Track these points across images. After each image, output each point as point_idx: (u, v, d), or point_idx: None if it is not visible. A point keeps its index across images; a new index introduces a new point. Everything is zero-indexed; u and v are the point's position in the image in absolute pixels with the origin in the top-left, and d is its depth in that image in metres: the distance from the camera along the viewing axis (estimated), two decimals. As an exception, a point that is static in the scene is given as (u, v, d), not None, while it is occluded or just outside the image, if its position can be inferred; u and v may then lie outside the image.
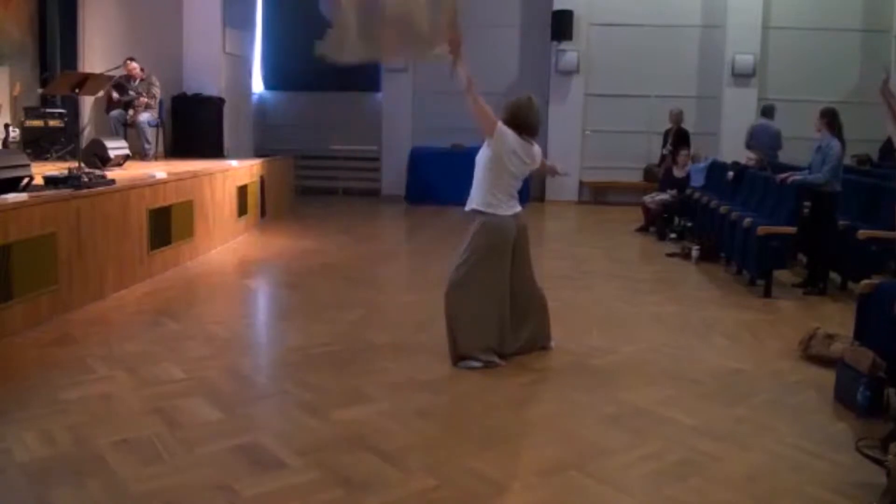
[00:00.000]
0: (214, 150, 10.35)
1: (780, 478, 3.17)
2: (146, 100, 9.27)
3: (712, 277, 7.36)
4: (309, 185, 13.50)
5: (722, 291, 6.80)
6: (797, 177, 6.77)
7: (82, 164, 6.37)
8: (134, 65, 9.21)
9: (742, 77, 12.69)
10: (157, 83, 9.49)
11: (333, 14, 4.53)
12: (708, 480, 3.13)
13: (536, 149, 4.56)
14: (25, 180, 5.37)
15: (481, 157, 4.46)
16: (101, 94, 8.71)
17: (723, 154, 11.80)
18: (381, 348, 4.85)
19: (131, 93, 9.24)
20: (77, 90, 6.60)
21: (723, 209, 7.83)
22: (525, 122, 4.43)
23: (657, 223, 9.71)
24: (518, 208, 4.54)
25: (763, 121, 10.23)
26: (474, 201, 4.47)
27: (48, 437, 3.36)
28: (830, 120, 6.51)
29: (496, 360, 4.45)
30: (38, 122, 8.32)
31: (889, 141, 11.55)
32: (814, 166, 6.61)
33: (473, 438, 3.50)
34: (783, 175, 7.03)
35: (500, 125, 4.37)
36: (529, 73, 13.30)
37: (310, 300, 6.16)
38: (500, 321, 4.48)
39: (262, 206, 10.06)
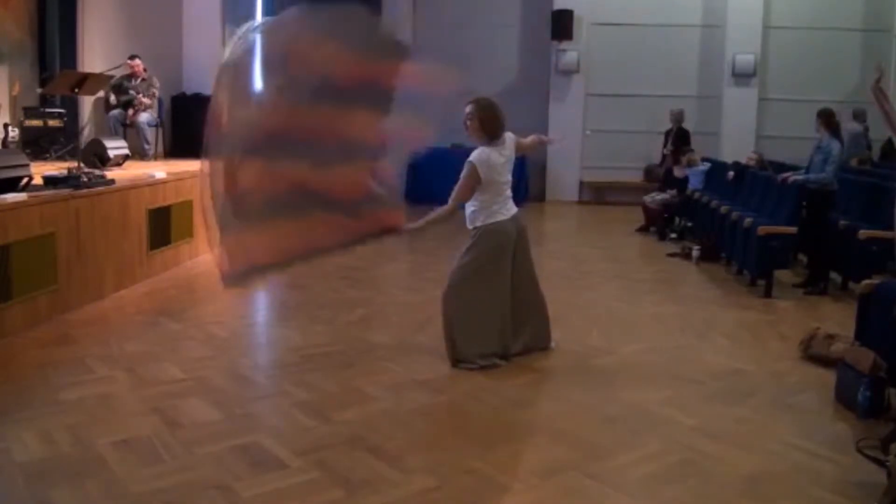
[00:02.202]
0: (214, 149, 10.32)
1: (781, 478, 3.17)
2: (145, 100, 9.26)
3: (713, 277, 7.36)
4: (309, 184, 13.47)
5: (722, 291, 6.79)
6: (798, 177, 6.77)
7: (82, 164, 6.36)
8: (137, 62, 9.20)
9: (742, 77, 12.69)
10: (157, 84, 9.48)
11: None
12: (708, 481, 3.13)
13: (508, 141, 4.48)
14: (25, 180, 5.36)
15: None
16: (100, 93, 8.71)
17: (723, 154, 11.80)
18: (381, 348, 4.84)
19: (131, 91, 9.24)
20: (76, 90, 6.59)
21: (723, 209, 7.82)
22: (499, 130, 4.40)
23: (658, 223, 9.70)
24: (514, 209, 4.52)
25: (849, 124, 10.07)
26: (477, 220, 4.42)
27: (47, 437, 3.35)
28: (827, 120, 6.55)
29: (497, 361, 4.44)
30: (37, 122, 8.30)
31: (889, 141, 11.54)
32: (814, 166, 6.62)
33: (473, 438, 3.49)
34: (784, 175, 7.04)
35: (479, 160, 4.30)
36: (529, 72, 13.30)
37: (310, 300, 6.15)
38: (502, 323, 4.47)
39: (261, 205, 10.04)
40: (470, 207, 4.45)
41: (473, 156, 4.35)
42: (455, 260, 4.53)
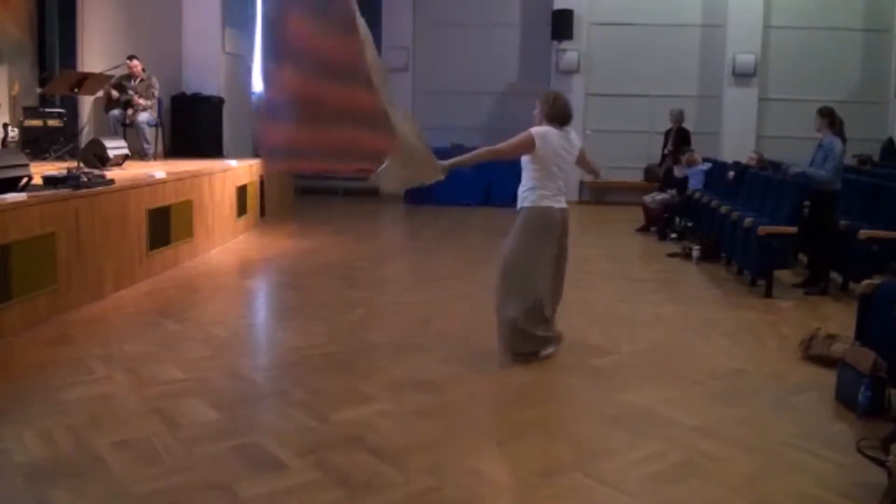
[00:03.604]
0: (214, 149, 10.34)
1: (781, 478, 3.17)
2: (142, 101, 9.26)
3: (713, 277, 7.35)
4: (309, 185, 13.48)
5: (723, 291, 6.79)
6: (797, 169, 6.76)
7: (81, 164, 6.37)
8: (136, 62, 9.21)
9: (743, 76, 12.70)
10: (157, 84, 9.48)
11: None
12: (709, 481, 3.12)
13: (573, 136, 4.59)
14: (24, 180, 5.36)
15: (527, 159, 4.48)
16: (100, 93, 8.71)
17: (723, 154, 11.80)
18: (381, 348, 4.84)
19: (130, 91, 9.24)
20: (76, 90, 6.59)
21: (723, 209, 7.82)
22: (564, 114, 4.51)
23: (658, 223, 9.70)
24: (564, 204, 4.55)
25: None
26: (527, 200, 4.46)
27: (47, 437, 3.35)
28: (829, 118, 6.54)
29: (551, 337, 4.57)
30: (37, 122, 8.30)
31: (890, 141, 11.55)
32: (815, 164, 6.62)
33: (473, 438, 3.49)
34: (785, 167, 7.05)
35: (537, 131, 4.40)
36: (529, 72, 13.30)
37: (310, 300, 6.15)
38: (543, 297, 4.49)
39: (261, 205, 10.05)
40: (524, 186, 4.48)
41: (533, 129, 4.44)
42: (504, 247, 4.53)
